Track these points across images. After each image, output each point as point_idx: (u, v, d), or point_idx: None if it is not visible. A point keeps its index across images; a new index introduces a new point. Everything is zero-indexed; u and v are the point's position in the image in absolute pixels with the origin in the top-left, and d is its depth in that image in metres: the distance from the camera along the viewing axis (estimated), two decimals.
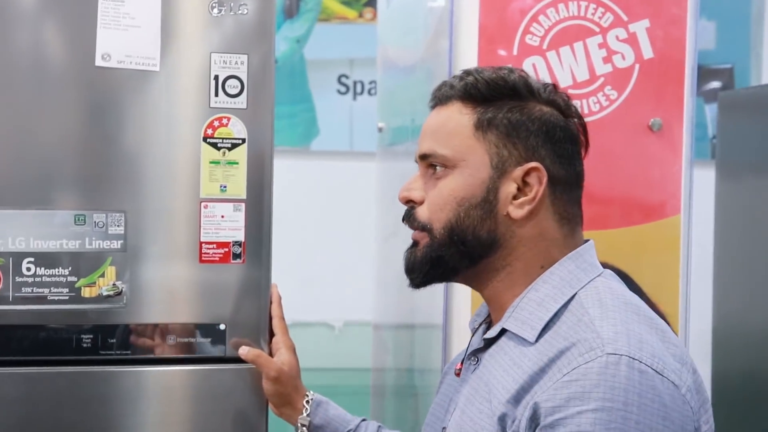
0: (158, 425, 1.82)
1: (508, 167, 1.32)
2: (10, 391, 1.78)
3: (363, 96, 3.98)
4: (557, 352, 1.24)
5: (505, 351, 1.33)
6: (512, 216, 1.32)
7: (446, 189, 1.35)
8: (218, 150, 1.80)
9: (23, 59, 1.75)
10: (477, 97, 1.35)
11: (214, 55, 1.80)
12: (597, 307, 1.28)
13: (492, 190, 1.32)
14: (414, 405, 2.31)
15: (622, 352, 1.20)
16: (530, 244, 1.33)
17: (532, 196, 1.32)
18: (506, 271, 1.35)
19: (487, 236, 1.33)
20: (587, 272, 1.33)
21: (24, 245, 1.75)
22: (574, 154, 1.36)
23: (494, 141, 1.33)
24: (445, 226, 1.34)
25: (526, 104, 1.35)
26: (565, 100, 1.38)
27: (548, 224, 1.34)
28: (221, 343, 1.82)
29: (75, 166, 1.78)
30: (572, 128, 1.37)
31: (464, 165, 1.34)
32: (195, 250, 1.81)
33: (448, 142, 1.35)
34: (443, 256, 1.35)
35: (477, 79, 1.35)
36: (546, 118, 1.34)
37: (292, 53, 3.89)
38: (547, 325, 1.29)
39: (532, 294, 1.33)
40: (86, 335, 1.78)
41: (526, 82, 1.36)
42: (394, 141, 2.61)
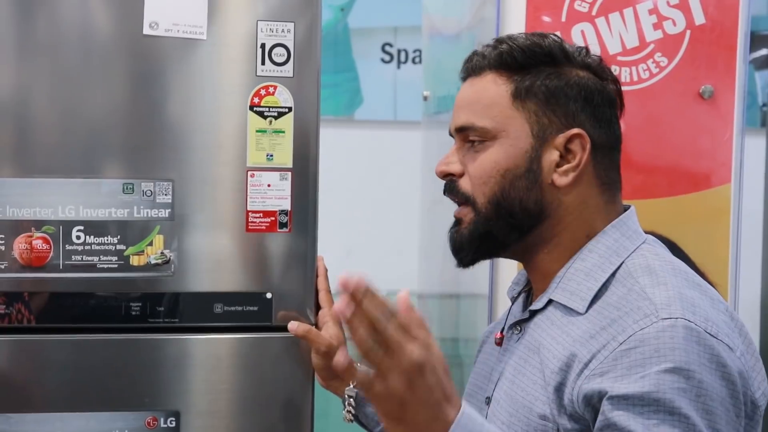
0: (205, 393, 1.83)
1: (549, 135, 1.31)
2: (59, 358, 1.80)
3: (407, 65, 3.95)
4: (609, 321, 1.22)
5: (552, 321, 1.31)
6: (557, 184, 1.30)
7: (488, 161, 1.32)
8: (265, 119, 1.80)
9: (71, 29, 1.76)
10: (512, 65, 1.32)
11: (260, 23, 1.79)
12: (647, 274, 1.26)
13: (535, 160, 1.31)
14: (459, 374, 2.31)
15: (677, 315, 1.19)
16: (576, 213, 1.32)
17: (576, 163, 1.30)
18: (554, 242, 1.33)
19: (534, 206, 1.31)
20: (632, 240, 1.32)
21: (73, 213, 1.77)
22: (612, 117, 1.34)
23: (533, 109, 1.31)
24: (491, 200, 1.32)
25: (562, 69, 1.32)
26: (600, 63, 1.36)
27: (591, 191, 1.32)
28: (267, 312, 1.83)
29: (123, 135, 1.79)
30: (609, 91, 1.34)
31: (505, 135, 1.31)
32: (242, 219, 1.81)
33: (486, 113, 1.32)
34: (491, 231, 1.33)
35: (512, 47, 1.32)
36: (584, 82, 1.32)
37: (336, 22, 3.87)
38: (596, 295, 1.27)
39: (579, 264, 1.31)
40: (135, 303, 1.80)
41: (561, 46, 1.33)
42: (439, 109, 2.60)
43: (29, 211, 1.76)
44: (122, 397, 1.80)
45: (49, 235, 1.76)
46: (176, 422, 1.80)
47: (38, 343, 1.79)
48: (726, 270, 2.01)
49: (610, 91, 1.34)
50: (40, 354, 1.80)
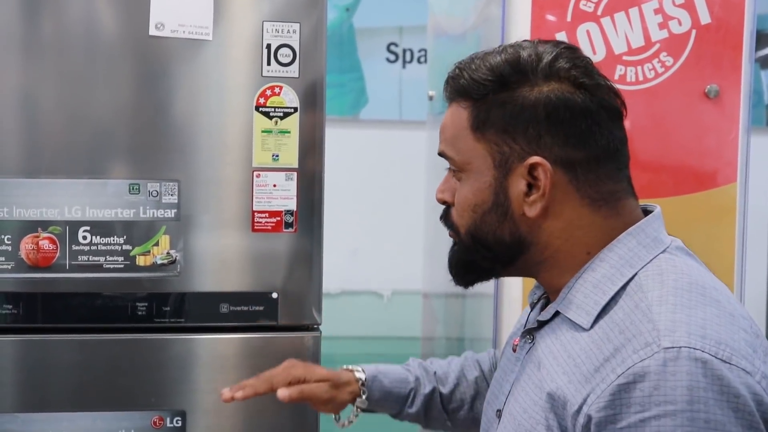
0: (211, 392, 1.84)
1: (512, 164, 1.22)
2: (66, 358, 1.80)
3: (412, 64, 3.96)
4: (613, 350, 1.13)
5: (557, 335, 1.23)
6: (528, 215, 1.22)
7: (461, 195, 1.27)
8: (270, 119, 1.80)
9: (77, 30, 1.77)
10: (468, 95, 1.24)
11: (266, 23, 1.79)
12: (657, 289, 1.16)
13: (501, 192, 1.23)
14: None
15: (681, 344, 1.09)
16: (564, 236, 1.23)
17: (540, 193, 1.21)
18: (549, 263, 1.25)
19: (510, 239, 1.24)
20: (649, 248, 1.22)
21: (80, 214, 1.77)
22: (591, 129, 1.21)
23: (493, 139, 1.22)
24: (467, 232, 1.27)
25: (517, 92, 1.21)
26: (577, 67, 1.22)
27: (579, 211, 1.22)
28: (273, 312, 1.84)
29: (129, 136, 1.80)
30: (581, 101, 1.21)
31: (470, 169, 1.25)
32: (247, 219, 1.81)
33: (453, 145, 1.26)
34: (474, 261, 1.28)
35: (462, 76, 1.25)
36: (545, 100, 1.20)
37: (342, 22, 3.87)
38: (603, 309, 1.19)
39: (588, 275, 1.22)
40: (141, 303, 1.80)
41: (515, 63, 1.22)
42: (444, 109, 2.60)
43: (36, 212, 1.76)
44: (128, 396, 1.81)
45: (55, 236, 1.77)
46: (182, 422, 1.81)
47: (45, 343, 1.79)
48: (732, 269, 2.01)
49: (585, 100, 1.21)
50: (46, 354, 1.80)
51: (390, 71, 3.96)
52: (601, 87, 1.23)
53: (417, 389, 1.65)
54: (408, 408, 1.64)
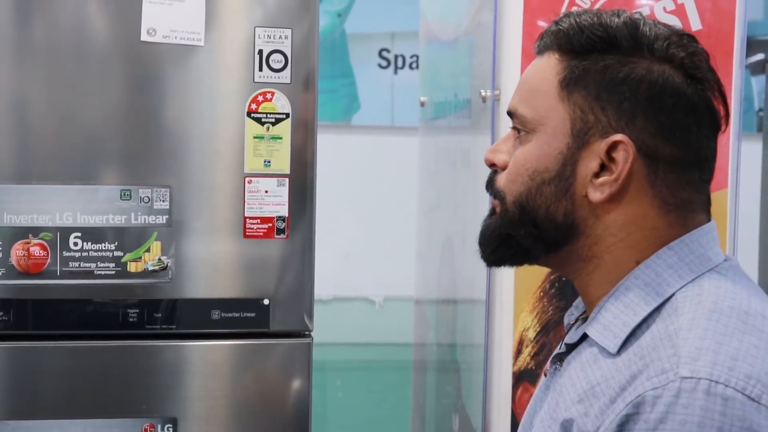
0: (202, 399, 1.83)
1: (591, 137, 1.07)
2: (57, 364, 1.80)
3: (404, 70, 3.96)
4: (630, 377, 1.01)
5: (582, 362, 1.10)
6: (591, 198, 1.08)
7: (521, 158, 1.11)
8: (262, 125, 1.80)
9: (69, 35, 1.76)
10: (570, 47, 1.09)
11: (258, 29, 1.79)
12: (691, 311, 1.03)
13: (569, 164, 1.08)
14: (456, 380, 2.31)
15: (701, 375, 0.96)
16: (621, 234, 1.09)
17: (614, 177, 1.06)
18: (593, 264, 1.11)
19: (563, 219, 1.09)
20: (693, 266, 1.08)
21: (71, 220, 1.77)
22: (690, 127, 1.07)
23: (580, 103, 1.07)
24: (516, 201, 1.12)
25: (628, 59, 1.07)
26: (694, 58, 1.08)
27: (646, 211, 1.08)
28: (265, 318, 1.83)
29: (120, 142, 1.79)
30: (692, 94, 1.07)
31: (543, 130, 1.10)
32: (239, 225, 1.81)
33: (531, 100, 1.11)
34: (513, 236, 1.13)
35: (570, 25, 1.09)
36: (652, 78, 1.06)
37: (333, 27, 3.87)
38: (634, 332, 1.06)
39: (621, 293, 1.08)
40: (132, 309, 1.80)
41: (634, 31, 1.08)
42: (436, 115, 2.60)
43: (26, 218, 1.76)
44: (120, 403, 1.80)
45: (46, 242, 1.76)
46: (173, 429, 1.80)
47: (35, 349, 1.79)
48: None
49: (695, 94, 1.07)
50: (37, 360, 1.80)
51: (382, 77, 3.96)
52: (711, 86, 1.09)
53: None
54: None
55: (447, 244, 2.46)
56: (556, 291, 1.93)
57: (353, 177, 3.81)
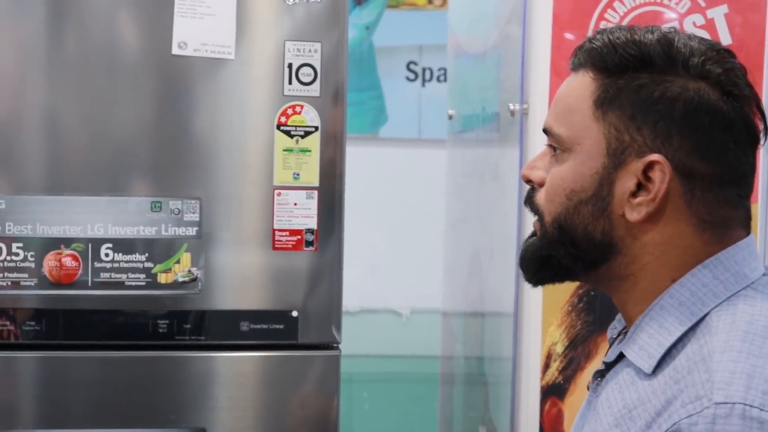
0: (231, 410, 1.84)
1: (627, 157, 1.07)
2: (87, 374, 1.81)
3: (432, 83, 3.96)
4: (665, 402, 1.01)
5: (618, 382, 1.10)
6: (628, 218, 1.08)
7: (557, 177, 1.12)
8: (291, 138, 1.81)
9: (100, 49, 1.78)
10: (604, 66, 1.09)
11: (288, 43, 1.80)
12: (724, 332, 1.03)
13: (605, 184, 1.08)
14: (484, 393, 2.31)
15: (736, 400, 0.96)
16: (657, 252, 1.09)
17: (651, 196, 1.06)
18: (630, 282, 1.11)
19: (601, 239, 1.09)
20: (728, 284, 1.07)
21: (102, 231, 1.79)
22: (726, 144, 1.06)
23: (615, 122, 1.07)
24: (554, 221, 1.12)
25: (663, 78, 1.06)
26: (730, 74, 1.07)
27: (683, 230, 1.08)
28: (293, 330, 1.84)
29: (151, 154, 1.81)
30: (728, 111, 1.06)
31: (579, 150, 1.09)
32: (268, 238, 1.82)
33: (566, 119, 1.11)
34: (554, 256, 1.13)
35: (603, 43, 1.09)
36: (687, 97, 1.05)
37: (361, 40, 3.88)
38: (668, 352, 1.05)
39: (656, 312, 1.08)
40: (162, 320, 1.81)
41: (668, 48, 1.07)
42: (464, 128, 2.60)
43: (59, 229, 1.78)
44: (149, 414, 1.81)
45: (78, 253, 1.78)
46: None
47: (66, 359, 1.80)
48: None
49: (732, 111, 1.06)
50: (68, 370, 1.81)
51: (409, 90, 3.96)
52: (749, 102, 1.09)
53: None
54: None
55: (474, 257, 2.46)
56: (585, 305, 1.92)
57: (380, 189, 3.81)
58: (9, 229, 1.77)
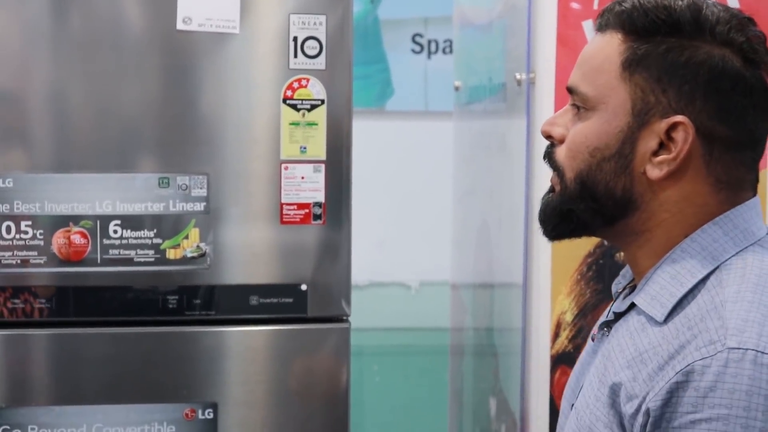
0: (242, 383, 1.85)
1: (651, 117, 1.11)
2: (98, 351, 1.82)
3: (437, 55, 3.94)
4: (678, 346, 1.06)
5: (630, 330, 1.15)
6: (649, 175, 1.12)
7: (580, 134, 1.16)
8: (298, 111, 1.81)
9: (105, 26, 1.78)
10: (633, 28, 1.13)
11: (292, 16, 1.80)
12: (736, 284, 1.08)
13: (629, 142, 1.12)
14: (494, 365, 2.31)
15: (748, 346, 1.02)
16: (674, 210, 1.14)
17: (673, 156, 1.11)
18: (645, 237, 1.16)
19: (622, 194, 1.14)
20: (736, 240, 1.13)
21: (110, 208, 1.79)
22: (747, 109, 1.11)
23: (641, 84, 1.12)
24: (576, 177, 1.16)
25: (690, 43, 1.11)
26: (754, 43, 1.12)
27: (699, 188, 1.13)
28: (303, 304, 1.84)
29: (157, 130, 1.81)
30: (750, 77, 1.11)
31: (603, 108, 1.14)
32: (276, 212, 1.82)
33: (592, 78, 1.15)
34: (574, 210, 1.17)
35: (634, 6, 1.13)
36: (713, 62, 1.10)
37: (366, 13, 3.87)
38: (680, 302, 1.11)
39: (668, 265, 1.14)
40: (171, 296, 1.81)
41: (697, 15, 1.11)
42: (471, 100, 2.60)
43: (67, 207, 1.78)
44: (160, 389, 1.82)
45: (86, 230, 1.78)
46: (214, 413, 1.82)
47: (77, 336, 1.81)
48: None
49: (753, 78, 1.11)
50: (79, 347, 1.82)
51: (415, 62, 3.95)
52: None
53: None
54: None
55: (483, 229, 2.46)
56: (594, 274, 1.92)
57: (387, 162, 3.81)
58: (18, 208, 1.77)
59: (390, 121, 3.91)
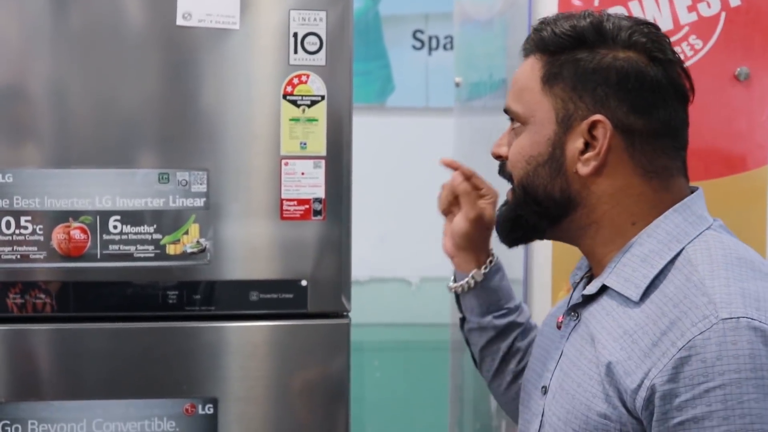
0: (242, 379, 1.85)
1: (574, 122, 1.26)
2: (98, 346, 1.82)
3: (438, 51, 3.94)
4: (668, 323, 1.16)
5: (607, 311, 1.26)
6: (580, 173, 1.26)
7: (518, 146, 1.31)
8: (298, 107, 1.81)
9: (105, 21, 1.78)
10: (548, 49, 1.28)
11: (293, 12, 1.80)
12: (707, 263, 1.20)
13: (558, 147, 1.27)
14: None
15: (739, 314, 1.13)
16: (612, 201, 1.27)
17: (596, 151, 1.25)
18: (593, 229, 1.29)
19: (560, 195, 1.28)
20: (695, 225, 1.25)
21: (110, 204, 1.79)
22: (656, 102, 1.25)
23: (560, 94, 1.27)
24: (519, 184, 1.32)
25: (596, 52, 1.26)
26: (654, 42, 1.26)
27: (630, 180, 1.26)
28: (303, 299, 1.84)
29: (157, 126, 1.81)
30: (654, 74, 1.25)
31: (533, 122, 1.29)
32: (276, 207, 1.82)
33: (520, 97, 1.31)
34: (522, 215, 1.32)
35: (544, 29, 1.29)
36: (618, 65, 1.24)
37: (367, 9, 3.87)
38: (652, 283, 1.22)
39: (636, 249, 1.26)
40: (171, 291, 1.81)
41: (598, 27, 1.26)
42: (471, 96, 2.59)
43: (67, 202, 1.78)
44: (160, 384, 1.82)
45: (86, 225, 1.78)
46: (214, 409, 1.82)
47: (77, 331, 1.81)
48: (764, 254, 1.99)
49: (657, 73, 1.25)
50: (79, 342, 1.82)
51: (416, 58, 3.95)
52: (673, 65, 1.27)
53: (516, 312, 1.64)
54: (496, 318, 1.62)
55: None
56: None
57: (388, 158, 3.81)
58: (17, 203, 1.77)
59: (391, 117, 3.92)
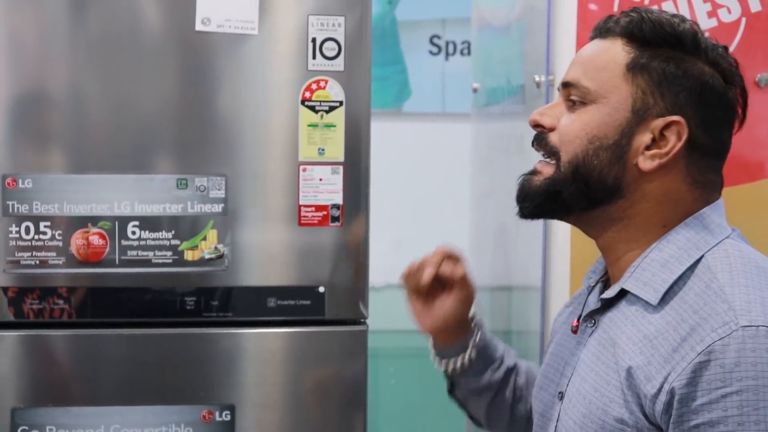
0: (259, 386, 1.85)
1: (648, 116, 1.25)
2: (116, 352, 1.82)
3: (455, 56, 3.94)
4: (689, 329, 1.17)
5: (626, 316, 1.26)
6: (641, 167, 1.25)
7: (579, 122, 1.28)
8: (316, 113, 1.81)
9: (124, 26, 1.78)
10: (638, 37, 1.27)
11: (311, 17, 1.80)
12: (726, 271, 1.21)
13: (626, 135, 1.25)
14: None
15: (759, 323, 1.14)
16: (653, 201, 1.27)
17: (666, 150, 1.24)
18: (623, 223, 1.29)
19: (612, 182, 1.26)
20: (714, 233, 1.26)
21: (129, 209, 1.79)
22: (724, 123, 1.27)
23: (642, 86, 1.26)
24: (572, 161, 1.28)
25: (686, 58, 1.26)
26: (731, 67, 1.29)
27: (678, 185, 1.26)
28: (320, 306, 1.84)
29: (176, 131, 1.81)
30: (729, 96, 1.28)
31: (604, 102, 1.26)
32: (294, 213, 1.82)
33: (595, 74, 1.28)
34: (561, 192, 1.29)
35: (643, 19, 1.27)
36: (704, 78, 1.26)
37: (384, 14, 3.87)
38: (671, 288, 1.23)
39: (656, 254, 1.26)
40: (189, 297, 1.81)
41: (694, 36, 1.27)
42: (489, 101, 2.59)
43: (85, 207, 1.78)
44: (178, 390, 1.82)
45: (105, 231, 1.78)
46: (231, 415, 1.82)
47: (95, 337, 1.81)
48: None
49: (731, 97, 1.28)
50: (97, 348, 1.82)
51: (433, 64, 3.95)
52: (743, 95, 1.30)
53: (504, 357, 1.61)
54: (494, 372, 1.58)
55: (500, 231, 2.45)
56: None
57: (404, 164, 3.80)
58: (36, 208, 1.78)
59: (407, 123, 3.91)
